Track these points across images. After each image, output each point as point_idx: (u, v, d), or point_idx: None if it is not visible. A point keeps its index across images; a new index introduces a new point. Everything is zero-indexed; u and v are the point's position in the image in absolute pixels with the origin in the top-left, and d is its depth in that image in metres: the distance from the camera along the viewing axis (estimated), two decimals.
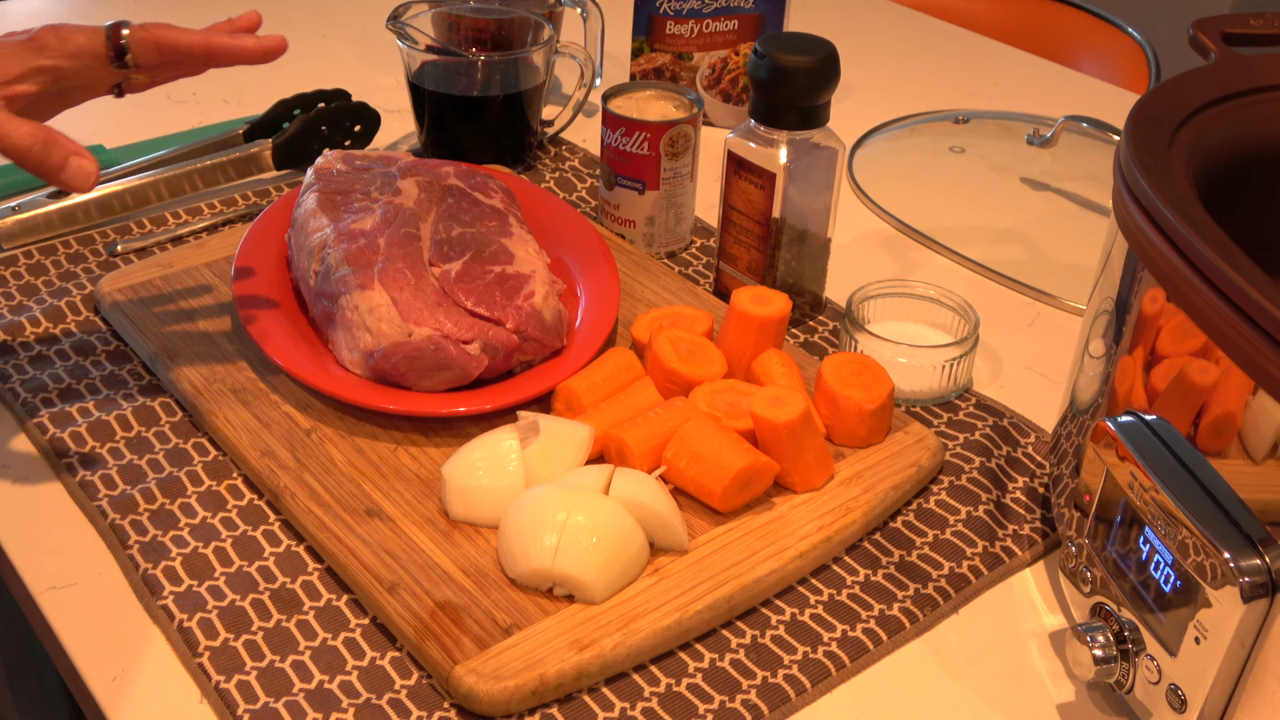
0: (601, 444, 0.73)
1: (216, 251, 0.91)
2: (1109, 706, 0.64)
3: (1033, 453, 0.80)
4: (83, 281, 0.91)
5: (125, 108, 1.15)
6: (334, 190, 0.86)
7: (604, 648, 0.63)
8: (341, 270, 0.79)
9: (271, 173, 1.05)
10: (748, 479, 0.70)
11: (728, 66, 1.16)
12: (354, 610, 0.67)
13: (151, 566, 0.68)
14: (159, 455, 0.76)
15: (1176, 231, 0.56)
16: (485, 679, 0.61)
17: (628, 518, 0.66)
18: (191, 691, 0.63)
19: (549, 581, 0.65)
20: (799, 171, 0.84)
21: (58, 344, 0.84)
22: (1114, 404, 0.65)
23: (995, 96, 1.30)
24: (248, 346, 0.82)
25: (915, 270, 0.99)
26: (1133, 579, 0.60)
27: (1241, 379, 0.54)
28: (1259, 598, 0.53)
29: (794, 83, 0.81)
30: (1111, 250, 0.66)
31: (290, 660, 0.64)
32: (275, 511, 0.72)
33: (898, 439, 0.77)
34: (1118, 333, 0.64)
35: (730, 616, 0.67)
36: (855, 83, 1.29)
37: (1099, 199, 1.08)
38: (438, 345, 0.75)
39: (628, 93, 0.96)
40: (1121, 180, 0.62)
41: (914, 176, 1.13)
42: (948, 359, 0.81)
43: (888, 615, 0.68)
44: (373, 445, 0.75)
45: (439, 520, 0.70)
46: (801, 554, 0.69)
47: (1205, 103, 0.66)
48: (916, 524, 0.74)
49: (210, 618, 0.65)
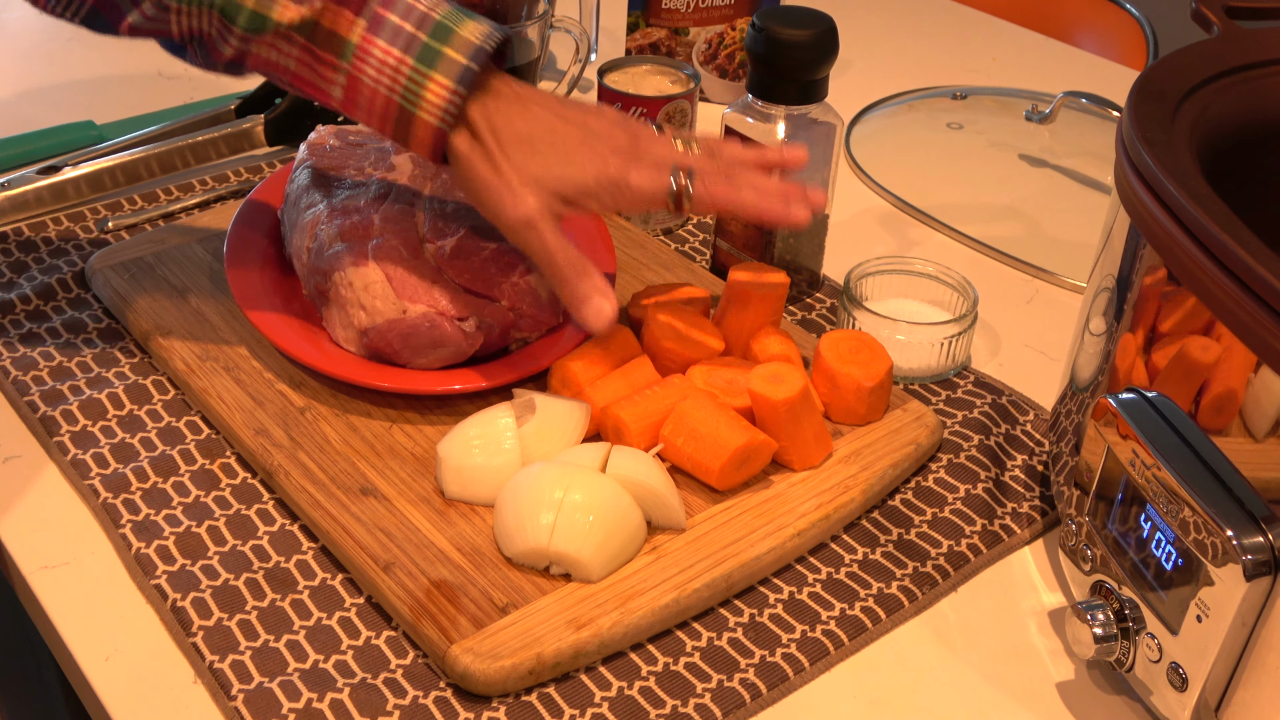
0: (598, 422, 0.73)
1: (208, 228, 0.91)
2: (1109, 685, 0.64)
3: (1032, 430, 0.79)
4: (74, 258, 0.90)
5: (116, 83, 1.14)
6: (327, 166, 0.85)
7: (601, 627, 0.62)
8: (335, 247, 0.78)
9: (264, 149, 1.04)
10: (745, 457, 0.70)
11: (724, 42, 1.15)
12: (349, 589, 0.66)
13: (144, 546, 0.68)
14: (151, 433, 0.75)
15: (1180, 205, 0.55)
16: (481, 658, 0.60)
17: (625, 496, 0.66)
18: (185, 672, 0.62)
19: (546, 560, 0.65)
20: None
21: (48, 321, 0.83)
22: (1115, 381, 0.64)
23: (994, 72, 1.29)
24: (241, 324, 0.81)
25: (913, 247, 0.99)
26: (1133, 557, 0.60)
27: (1244, 355, 0.54)
28: (1262, 575, 0.52)
29: (792, 57, 0.81)
30: (1113, 226, 0.65)
31: (285, 640, 0.63)
32: (269, 490, 0.72)
33: (896, 417, 0.76)
34: (1119, 309, 0.64)
35: (728, 595, 0.66)
36: (853, 58, 1.28)
37: (1098, 175, 1.07)
38: (432, 322, 0.75)
39: (624, 68, 0.95)
40: (1124, 154, 0.62)
41: (912, 153, 1.12)
42: (946, 336, 0.81)
43: (886, 594, 0.67)
44: (367, 423, 0.74)
45: (434, 499, 0.69)
46: (800, 532, 0.68)
47: (1208, 76, 0.66)
48: (915, 502, 0.73)
49: (204, 597, 0.65)
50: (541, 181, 0.70)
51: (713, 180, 0.72)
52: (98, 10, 0.68)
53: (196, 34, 0.69)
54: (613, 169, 0.71)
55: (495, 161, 0.70)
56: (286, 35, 0.68)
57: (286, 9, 0.67)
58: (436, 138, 0.69)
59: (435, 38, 0.68)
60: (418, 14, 0.68)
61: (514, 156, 0.70)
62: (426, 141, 0.70)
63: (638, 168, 0.71)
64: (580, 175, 0.70)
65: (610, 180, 0.71)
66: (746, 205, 0.72)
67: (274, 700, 0.60)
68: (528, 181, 0.70)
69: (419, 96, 0.68)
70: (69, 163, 0.96)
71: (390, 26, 0.68)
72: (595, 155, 0.71)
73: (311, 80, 0.70)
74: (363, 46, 0.68)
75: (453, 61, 0.68)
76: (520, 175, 0.70)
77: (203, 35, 0.69)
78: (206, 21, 0.68)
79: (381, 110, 0.69)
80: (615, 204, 0.72)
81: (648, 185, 0.71)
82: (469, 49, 0.68)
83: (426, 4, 0.69)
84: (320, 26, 0.68)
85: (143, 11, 0.68)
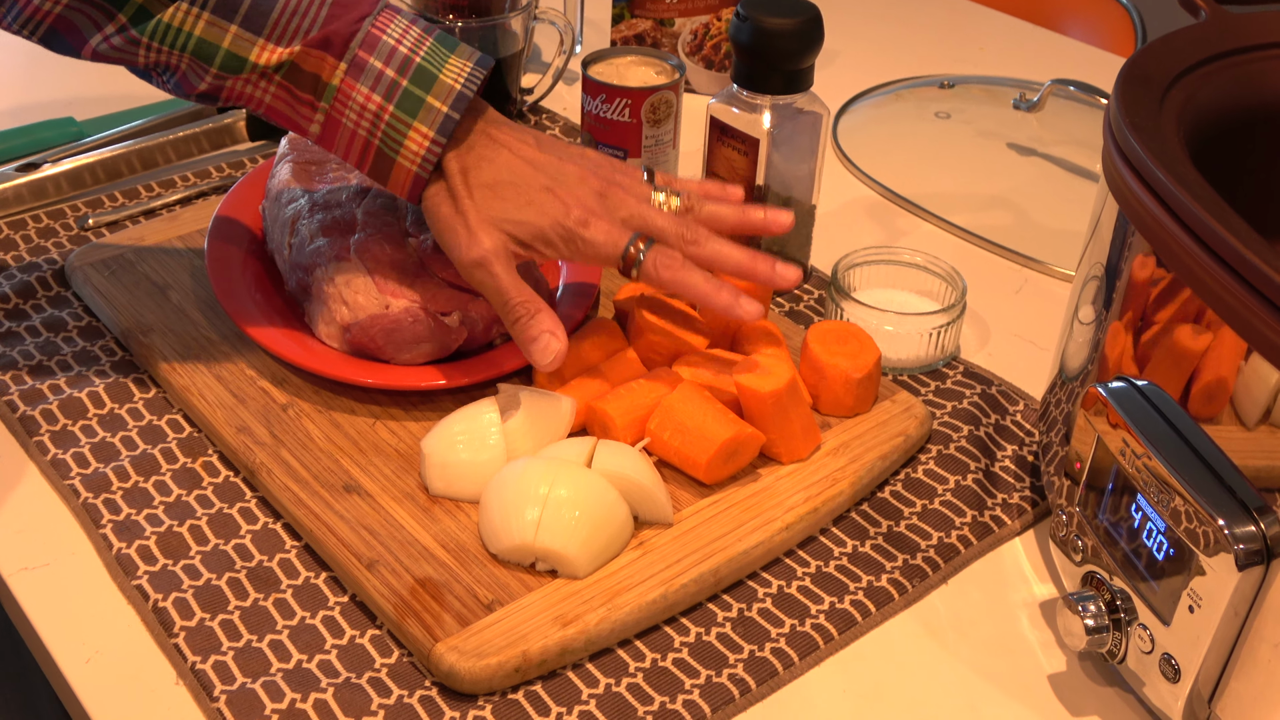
0: (584, 416, 0.72)
1: (190, 225, 0.90)
2: (1101, 677, 0.64)
3: (1022, 420, 0.79)
4: (53, 256, 0.89)
5: (96, 78, 1.13)
6: (308, 160, 0.84)
7: (588, 623, 0.61)
8: (317, 242, 0.77)
9: (246, 144, 1.03)
10: (733, 450, 0.69)
11: (710, 32, 1.14)
12: (333, 588, 0.65)
13: (125, 546, 0.67)
14: (132, 432, 0.74)
15: (1168, 192, 0.55)
16: (467, 656, 0.59)
17: (611, 491, 0.65)
18: (167, 673, 0.61)
19: (531, 556, 0.64)
20: (783, 137, 0.83)
21: (28, 320, 0.82)
22: (1104, 370, 0.64)
23: (981, 61, 1.28)
24: (222, 321, 0.80)
25: (901, 237, 0.98)
26: (1125, 547, 0.59)
27: (1234, 342, 0.53)
28: (1254, 565, 0.52)
29: (777, 46, 0.80)
30: (1101, 214, 0.65)
31: (268, 640, 0.62)
32: (251, 488, 0.71)
33: (885, 408, 0.76)
34: (1108, 298, 0.63)
35: (716, 590, 0.66)
36: (839, 48, 1.27)
37: (1086, 164, 1.07)
38: (415, 317, 0.74)
39: (608, 59, 0.95)
40: (1112, 140, 0.61)
41: (900, 142, 1.11)
42: (935, 326, 0.80)
43: (876, 587, 0.67)
44: (350, 420, 0.74)
45: (419, 495, 0.69)
46: (788, 525, 0.68)
47: (1196, 61, 0.65)
48: (904, 494, 0.73)
49: (185, 597, 0.64)
50: (499, 223, 0.70)
51: (665, 259, 0.70)
52: (56, 31, 0.66)
53: (167, 67, 0.68)
54: (571, 219, 0.70)
55: (459, 202, 0.70)
56: (265, 74, 0.68)
57: (265, 50, 0.67)
58: (415, 183, 0.70)
59: (417, 83, 0.68)
60: (400, 57, 0.68)
61: (477, 198, 0.70)
62: (404, 185, 0.70)
63: (598, 222, 0.70)
64: (538, 221, 0.70)
65: (567, 230, 0.70)
66: (694, 292, 0.70)
67: (257, 701, 0.59)
68: (485, 223, 0.69)
69: (399, 144, 0.69)
70: (48, 159, 0.95)
71: (372, 72, 0.68)
72: (557, 202, 0.70)
73: (287, 115, 0.70)
74: (343, 90, 0.68)
75: (434, 110, 0.68)
76: (479, 216, 0.69)
77: (173, 69, 0.68)
78: (177, 59, 0.67)
79: (360, 151, 0.69)
80: (570, 254, 0.71)
81: (602, 242, 0.70)
82: (450, 96, 0.68)
83: (411, 42, 0.68)
84: (300, 69, 0.68)
85: (109, 40, 0.66)
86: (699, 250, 0.71)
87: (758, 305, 0.70)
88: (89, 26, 0.66)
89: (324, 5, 0.67)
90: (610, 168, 0.74)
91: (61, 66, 1.16)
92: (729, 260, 0.72)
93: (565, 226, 0.70)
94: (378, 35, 0.68)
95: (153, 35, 0.66)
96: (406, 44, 0.68)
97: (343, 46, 0.67)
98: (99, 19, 0.66)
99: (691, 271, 0.70)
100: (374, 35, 0.68)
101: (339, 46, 0.67)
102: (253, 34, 0.67)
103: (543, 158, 0.72)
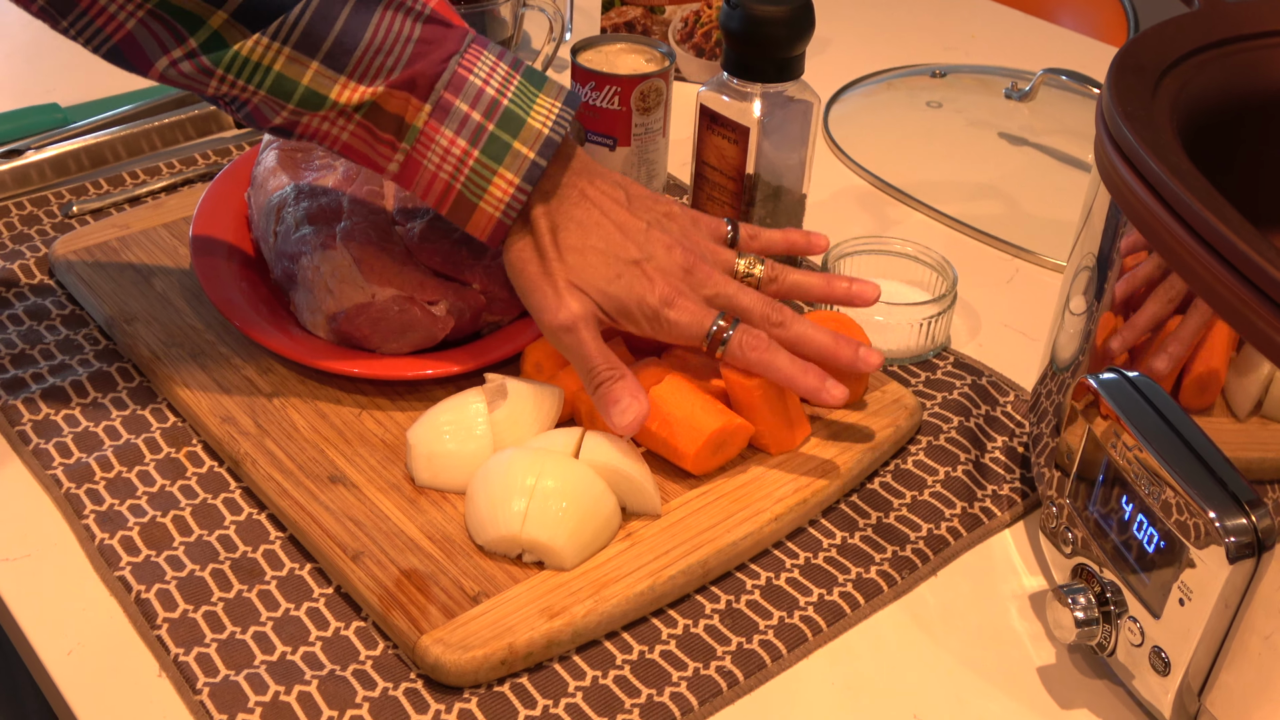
0: (572, 406, 0.72)
1: (175, 212, 0.89)
2: (1091, 669, 0.63)
3: (1012, 411, 0.78)
4: (37, 244, 0.88)
5: (81, 65, 1.12)
6: (294, 147, 0.83)
7: (575, 615, 0.61)
8: (302, 229, 0.76)
9: (232, 131, 1.02)
10: (721, 441, 0.68)
11: (700, 20, 1.13)
12: (317, 579, 0.65)
13: (108, 536, 0.66)
14: (115, 422, 0.73)
15: (1160, 181, 0.54)
16: (452, 649, 0.59)
17: (598, 482, 0.65)
18: (150, 665, 0.61)
19: (518, 548, 0.64)
20: (773, 126, 0.82)
21: (10, 308, 0.82)
22: (1095, 361, 0.63)
23: (973, 50, 1.28)
24: (207, 309, 0.80)
25: (892, 227, 0.98)
26: (1115, 539, 0.59)
27: (1226, 333, 0.53)
28: (1245, 558, 0.51)
29: (768, 33, 0.79)
30: (1093, 203, 0.64)
31: (251, 631, 0.62)
32: (236, 479, 0.70)
33: (875, 399, 0.75)
34: (1099, 288, 0.63)
35: (705, 581, 0.65)
36: (830, 36, 1.27)
37: (1078, 153, 1.06)
38: (402, 306, 0.73)
39: (598, 46, 0.94)
40: (1104, 129, 0.61)
41: (891, 132, 1.11)
42: (925, 317, 0.80)
43: (865, 578, 0.66)
44: (336, 410, 0.73)
45: (404, 486, 0.68)
46: (777, 517, 0.67)
47: (1189, 50, 0.65)
48: (894, 485, 0.72)
49: (169, 589, 0.64)
50: (587, 291, 0.68)
51: (751, 340, 0.68)
52: (120, 50, 0.64)
53: (238, 100, 0.66)
54: (655, 298, 0.68)
55: (548, 264, 0.68)
56: (344, 113, 0.65)
57: (347, 89, 0.64)
58: (497, 229, 0.68)
59: (504, 128, 0.66)
60: (487, 99, 0.66)
61: (568, 261, 0.68)
62: (486, 230, 0.68)
63: (683, 302, 0.68)
64: (625, 297, 0.68)
65: (652, 310, 0.68)
66: (780, 375, 0.68)
67: (240, 693, 0.59)
68: (572, 288, 0.67)
69: (483, 190, 0.66)
70: (32, 146, 0.94)
71: (458, 115, 0.65)
72: (644, 279, 0.68)
73: (365, 154, 0.67)
74: (426, 133, 0.65)
75: (521, 157, 0.66)
76: (567, 280, 0.68)
77: (244, 102, 0.66)
78: (251, 93, 0.65)
79: (440, 193, 0.67)
80: (653, 331, 0.69)
81: (686, 324, 0.68)
82: (538, 141, 0.66)
83: (499, 81, 0.66)
84: (382, 110, 0.65)
85: (177, 67, 0.64)
86: (784, 333, 0.69)
87: (843, 389, 0.68)
88: (155, 47, 0.63)
89: (409, 42, 0.65)
90: (696, 231, 0.72)
91: (45, 53, 1.15)
92: (812, 344, 0.70)
93: (651, 306, 0.68)
94: (464, 75, 0.66)
95: (229, 68, 0.63)
96: (495, 84, 0.66)
97: (428, 88, 0.65)
98: (166, 40, 0.63)
99: (777, 353, 0.68)
100: (460, 76, 0.66)
101: (424, 88, 0.65)
102: (335, 71, 0.64)
103: (633, 222, 0.69)
